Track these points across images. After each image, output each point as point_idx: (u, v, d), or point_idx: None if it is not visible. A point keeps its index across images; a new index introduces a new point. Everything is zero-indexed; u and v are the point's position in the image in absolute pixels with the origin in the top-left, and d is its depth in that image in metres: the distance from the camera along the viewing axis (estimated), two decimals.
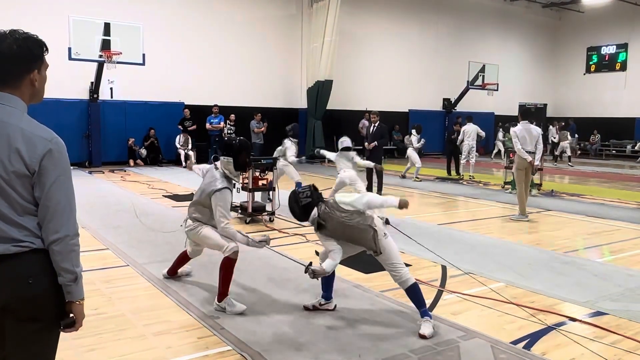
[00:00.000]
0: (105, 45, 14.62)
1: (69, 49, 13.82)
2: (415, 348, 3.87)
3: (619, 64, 26.67)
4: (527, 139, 8.95)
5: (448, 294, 5.15)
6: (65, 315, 2.18)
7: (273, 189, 9.31)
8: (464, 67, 22.76)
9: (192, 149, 17.11)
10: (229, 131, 17.21)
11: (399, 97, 23.09)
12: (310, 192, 4.37)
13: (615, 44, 26.68)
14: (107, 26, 14.66)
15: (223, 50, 18.77)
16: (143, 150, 17.21)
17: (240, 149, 4.80)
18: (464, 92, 23.12)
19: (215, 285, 4.76)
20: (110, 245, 6.75)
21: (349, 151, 9.50)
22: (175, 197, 10.66)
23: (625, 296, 5.17)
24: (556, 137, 21.51)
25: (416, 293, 4.26)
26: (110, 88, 16.57)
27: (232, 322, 4.28)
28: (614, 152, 26.01)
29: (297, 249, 6.79)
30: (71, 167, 2.19)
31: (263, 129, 17.08)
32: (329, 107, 20.15)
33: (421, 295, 4.28)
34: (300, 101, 20.71)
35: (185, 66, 17.98)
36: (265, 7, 19.78)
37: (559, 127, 21.69)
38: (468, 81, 22.59)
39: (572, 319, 4.54)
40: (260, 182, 8.61)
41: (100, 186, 12.24)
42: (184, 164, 16.53)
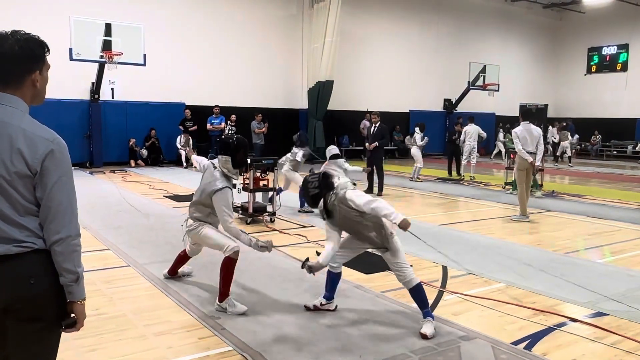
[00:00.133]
0: (106, 45, 14.64)
1: (70, 49, 13.83)
2: (416, 348, 3.87)
3: (619, 65, 26.67)
4: (528, 139, 8.94)
5: (449, 294, 5.15)
6: (67, 315, 2.19)
7: (281, 190, 9.34)
8: (465, 68, 22.76)
9: (193, 149, 17.10)
10: (230, 131, 17.20)
11: (399, 98, 23.10)
12: (319, 183, 4.34)
13: (616, 45, 26.68)
14: (108, 27, 14.68)
15: (224, 50, 18.78)
16: (144, 151, 17.22)
17: (237, 148, 4.79)
18: (465, 93, 23.12)
19: (216, 285, 4.77)
20: (111, 246, 6.76)
21: (338, 158, 9.44)
22: (176, 198, 10.66)
23: (626, 297, 5.16)
24: (557, 138, 21.51)
25: (420, 293, 4.26)
26: (111, 88, 16.59)
27: (233, 323, 4.29)
28: (615, 153, 26.00)
29: (298, 249, 6.79)
30: (72, 168, 2.20)
31: (264, 129, 17.09)
32: (329, 108, 20.16)
33: (425, 296, 4.28)
34: (301, 102, 20.71)
35: (186, 67, 17.99)
36: (266, 8, 19.79)
37: (560, 128, 21.68)
38: (469, 82, 22.59)
39: (573, 320, 4.54)
40: (261, 183, 8.61)
41: (101, 187, 12.25)
42: (184, 164, 16.54)
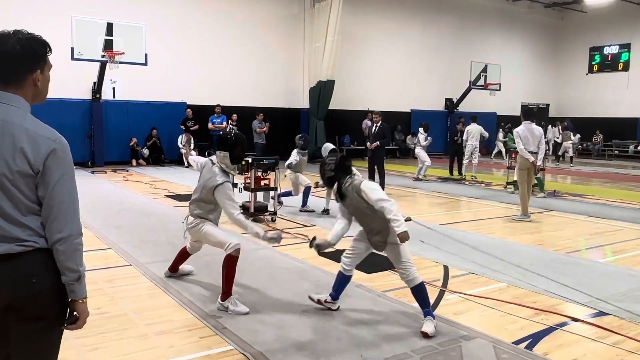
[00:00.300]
0: (108, 45, 14.66)
1: (72, 49, 13.84)
2: (417, 348, 3.87)
3: (621, 64, 26.63)
4: (530, 139, 8.94)
5: (450, 294, 5.15)
6: (69, 313, 2.20)
7: (290, 194, 9.35)
8: (466, 67, 22.75)
9: (194, 148, 17.12)
10: (231, 128, 17.21)
11: (401, 97, 23.09)
12: (335, 166, 4.36)
13: (618, 44, 26.64)
14: (110, 26, 14.71)
15: (225, 50, 18.79)
16: (145, 150, 17.23)
17: (235, 143, 4.80)
18: (466, 92, 23.12)
19: (217, 284, 4.77)
20: (112, 245, 6.76)
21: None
22: (178, 197, 10.67)
23: (627, 296, 5.15)
24: (559, 138, 21.49)
25: (422, 293, 4.26)
26: (113, 88, 16.60)
27: (234, 322, 4.29)
28: (617, 153, 25.98)
29: (299, 249, 6.79)
30: (74, 167, 2.20)
31: (265, 129, 17.09)
32: (331, 107, 20.16)
33: (426, 296, 4.28)
34: (303, 101, 20.71)
35: (187, 66, 18.00)
36: (267, 7, 19.79)
37: (562, 127, 21.65)
38: (470, 81, 22.59)
39: (574, 319, 4.54)
40: (263, 182, 8.61)
41: (103, 186, 12.27)
42: (186, 163, 16.55)
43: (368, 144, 11.67)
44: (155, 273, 5.56)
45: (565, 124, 22.46)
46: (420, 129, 14.69)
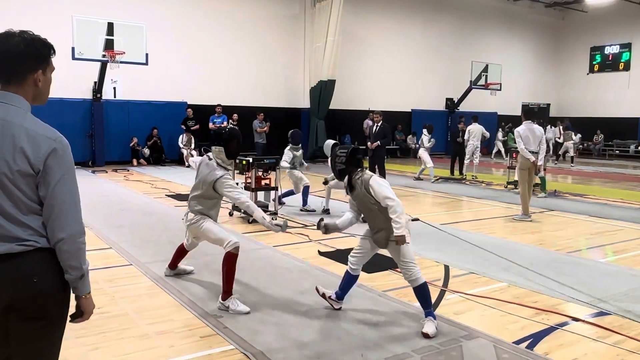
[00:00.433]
0: (109, 45, 14.66)
1: (73, 48, 13.85)
2: (418, 348, 3.87)
3: (622, 64, 26.62)
4: (531, 138, 8.94)
5: (451, 293, 5.15)
6: (75, 310, 2.24)
7: (293, 193, 9.35)
8: (467, 67, 22.74)
9: (195, 148, 17.13)
10: (231, 125, 17.20)
11: (401, 97, 23.09)
12: (346, 159, 4.36)
13: (619, 44, 26.63)
14: (111, 26, 14.71)
15: (226, 49, 18.79)
16: (146, 150, 17.24)
17: (230, 138, 4.85)
18: (467, 92, 23.11)
19: (218, 284, 4.77)
20: (113, 245, 6.77)
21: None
22: (178, 197, 10.67)
23: (628, 296, 5.15)
24: (560, 138, 21.49)
25: (424, 293, 4.26)
26: (114, 87, 16.61)
27: (235, 321, 4.29)
28: (617, 152, 25.96)
29: (300, 248, 6.80)
30: (75, 166, 2.21)
31: (266, 128, 17.09)
32: (331, 107, 20.16)
33: (429, 296, 4.27)
34: (303, 101, 20.71)
35: (188, 66, 18.00)
36: (268, 7, 19.79)
37: (564, 127, 21.64)
38: (471, 81, 22.57)
39: (575, 319, 4.54)
40: (263, 182, 8.61)
41: (104, 186, 12.27)
42: (187, 163, 16.55)
43: (369, 143, 11.67)
44: (156, 272, 5.56)
45: (566, 124, 22.44)
46: (424, 131, 14.46)
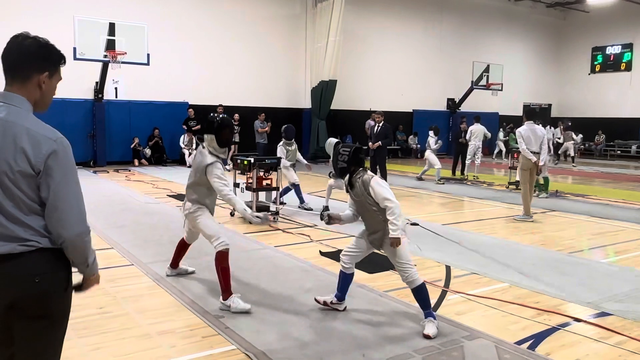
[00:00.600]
0: (110, 45, 14.68)
1: (74, 48, 13.85)
2: (419, 348, 3.87)
3: (624, 64, 26.58)
4: (532, 139, 8.93)
5: (452, 294, 5.15)
6: (80, 283, 2.32)
7: (288, 189, 9.35)
8: (468, 67, 22.72)
9: (196, 148, 17.11)
10: (233, 130, 17.21)
11: (403, 97, 23.07)
12: (348, 158, 4.37)
13: (621, 44, 26.59)
14: (112, 26, 14.73)
15: (227, 50, 18.80)
16: (147, 150, 17.25)
17: (221, 126, 4.90)
18: (468, 92, 23.09)
19: (218, 285, 4.76)
20: (114, 245, 6.77)
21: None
22: (180, 197, 10.67)
23: (630, 297, 5.15)
24: (560, 138, 21.47)
25: (423, 294, 4.25)
26: (115, 88, 16.60)
27: (237, 322, 4.29)
28: (619, 153, 25.93)
29: (301, 248, 6.80)
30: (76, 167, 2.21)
31: (267, 128, 17.07)
32: (333, 107, 20.16)
33: (427, 297, 4.27)
34: (304, 101, 20.72)
35: (189, 66, 18.01)
36: (269, 7, 19.80)
37: (564, 128, 21.62)
38: (472, 81, 22.55)
39: (577, 320, 4.53)
40: (265, 182, 8.62)
41: (105, 186, 12.28)
42: (188, 163, 16.56)
43: (370, 143, 11.66)
44: (157, 272, 5.56)
45: (570, 123, 22.39)
46: (431, 132, 14.28)
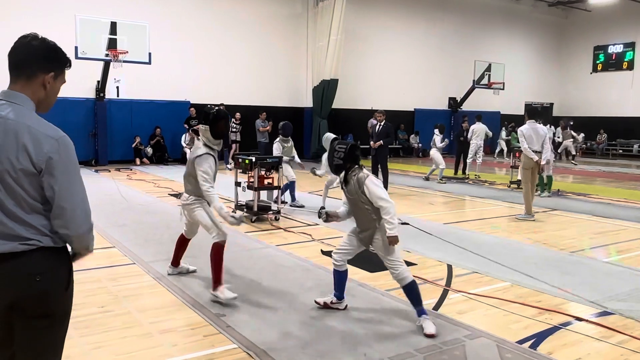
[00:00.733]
0: (112, 44, 14.68)
1: (76, 47, 13.84)
2: (421, 347, 3.87)
3: (626, 63, 26.51)
4: (534, 138, 8.92)
5: (454, 293, 5.14)
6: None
7: (287, 186, 9.34)
8: (470, 66, 22.69)
9: None
10: (234, 129, 17.25)
11: (404, 96, 23.05)
12: (345, 155, 4.36)
13: (623, 43, 26.52)
14: (114, 25, 14.72)
15: (229, 49, 18.79)
16: (149, 149, 17.26)
17: (216, 118, 4.91)
18: (470, 91, 23.06)
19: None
20: (116, 244, 6.78)
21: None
22: (181, 196, 10.67)
23: (631, 296, 5.14)
24: (560, 137, 21.43)
25: (413, 291, 4.24)
26: (117, 87, 16.59)
27: (238, 320, 4.29)
28: (621, 152, 25.88)
29: (303, 247, 6.80)
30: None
31: (268, 127, 17.06)
32: (334, 106, 20.14)
33: (418, 294, 4.25)
34: (306, 100, 20.71)
35: (191, 65, 18.01)
36: (270, 6, 19.78)
37: (563, 127, 21.58)
38: (474, 80, 22.52)
39: (579, 319, 4.53)
40: (266, 181, 8.62)
41: (107, 185, 12.29)
42: None
43: (371, 142, 11.65)
44: (158, 271, 5.57)
45: (571, 122, 22.33)
46: (436, 131, 14.17)
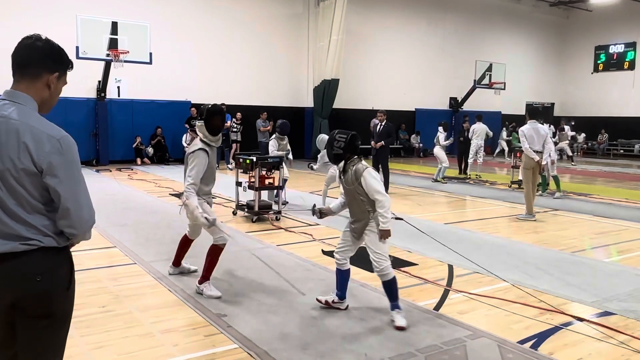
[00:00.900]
0: (113, 44, 14.70)
1: (77, 47, 13.86)
2: (422, 347, 3.87)
3: (627, 63, 26.49)
4: (535, 138, 8.92)
5: (455, 293, 5.14)
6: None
7: (281, 187, 9.33)
8: (471, 66, 22.69)
9: None
10: (235, 129, 17.26)
11: (405, 96, 23.05)
12: (345, 145, 4.36)
13: (624, 43, 26.51)
14: (115, 25, 14.74)
15: (230, 49, 18.80)
16: (150, 149, 17.27)
17: (211, 113, 4.94)
18: (471, 91, 23.06)
19: (221, 284, 4.78)
20: (117, 243, 6.78)
21: None
22: (182, 196, 10.67)
23: (633, 296, 5.14)
24: (556, 138, 21.38)
25: (393, 287, 4.33)
26: (118, 87, 16.61)
27: (239, 320, 4.29)
28: (622, 152, 25.87)
29: (304, 247, 6.80)
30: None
31: (269, 127, 17.05)
32: (335, 106, 20.14)
33: (397, 290, 4.34)
34: (307, 100, 20.71)
35: (192, 65, 18.02)
36: (271, 6, 19.79)
37: (559, 128, 21.54)
38: (475, 80, 22.53)
39: (580, 319, 4.52)
40: (267, 181, 8.62)
41: (108, 185, 12.30)
42: None
43: (372, 142, 11.65)
44: (159, 271, 5.57)
45: (573, 123, 22.26)
46: (440, 128, 14.08)
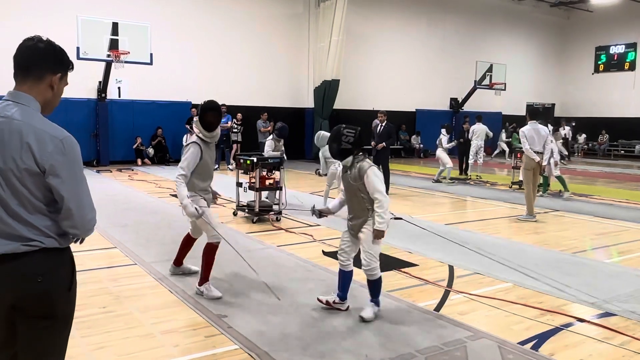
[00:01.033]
0: (113, 44, 14.71)
1: (77, 48, 13.87)
2: (422, 348, 3.86)
3: (627, 64, 26.49)
4: (535, 139, 8.92)
5: (455, 294, 5.14)
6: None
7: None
8: (472, 67, 22.68)
9: None
10: (235, 130, 17.27)
11: (406, 97, 23.05)
12: (354, 139, 4.37)
13: (624, 44, 26.52)
14: (115, 26, 14.75)
15: (230, 49, 18.81)
16: (150, 150, 17.28)
17: (204, 109, 4.98)
18: (472, 92, 23.06)
19: (222, 284, 4.78)
20: (117, 244, 6.78)
21: None
22: None
23: (633, 297, 5.13)
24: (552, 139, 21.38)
25: (377, 286, 4.44)
26: (118, 87, 16.64)
27: (239, 321, 4.29)
28: (622, 153, 25.86)
29: (304, 248, 6.79)
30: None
31: (269, 128, 17.06)
32: (336, 107, 20.14)
33: (379, 289, 4.45)
34: (307, 100, 20.72)
35: (192, 65, 18.03)
36: (271, 6, 19.80)
37: (553, 130, 21.50)
38: (475, 81, 22.52)
39: (580, 320, 4.52)
40: (267, 182, 8.62)
41: (108, 185, 12.30)
42: None
43: (373, 143, 11.65)
44: (160, 272, 5.57)
45: (573, 124, 22.24)
46: (443, 131, 14.04)
